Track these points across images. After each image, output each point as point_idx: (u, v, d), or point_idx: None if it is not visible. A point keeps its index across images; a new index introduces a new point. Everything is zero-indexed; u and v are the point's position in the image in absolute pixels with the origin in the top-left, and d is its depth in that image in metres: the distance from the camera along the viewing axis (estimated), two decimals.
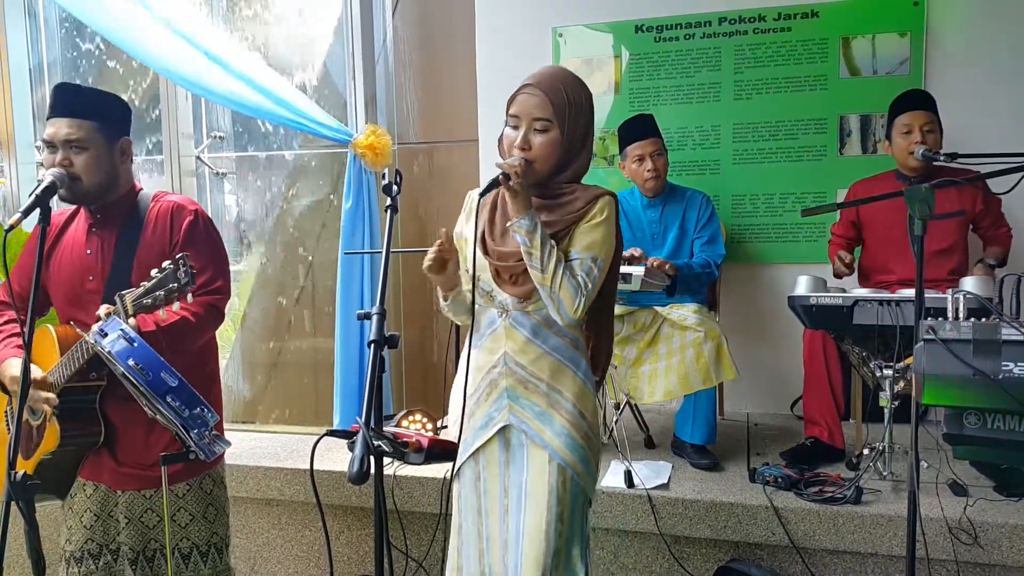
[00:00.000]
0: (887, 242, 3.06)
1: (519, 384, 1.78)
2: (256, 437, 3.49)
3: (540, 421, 1.77)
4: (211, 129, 4.16)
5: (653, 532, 2.58)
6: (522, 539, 1.75)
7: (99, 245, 2.06)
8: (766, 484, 2.62)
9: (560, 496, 1.75)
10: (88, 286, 2.05)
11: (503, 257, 1.76)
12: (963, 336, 1.72)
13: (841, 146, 3.47)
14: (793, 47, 3.48)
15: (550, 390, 1.77)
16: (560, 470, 1.75)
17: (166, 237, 2.07)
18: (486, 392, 1.81)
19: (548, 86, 1.73)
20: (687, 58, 3.59)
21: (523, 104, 1.73)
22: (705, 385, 2.86)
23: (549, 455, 1.75)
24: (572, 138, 1.75)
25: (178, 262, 1.77)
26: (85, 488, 2.11)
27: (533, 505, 1.75)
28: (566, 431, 1.76)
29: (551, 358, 1.78)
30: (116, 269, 2.02)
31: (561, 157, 1.75)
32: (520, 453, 1.79)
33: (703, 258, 3.06)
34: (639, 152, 3.05)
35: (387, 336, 1.51)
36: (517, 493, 1.77)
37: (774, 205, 3.55)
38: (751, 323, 3.62)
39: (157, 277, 1.78)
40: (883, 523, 2.41)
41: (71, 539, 2.10)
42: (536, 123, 1.72)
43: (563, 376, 1.78)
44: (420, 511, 2.83)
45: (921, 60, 3.35)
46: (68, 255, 2.08)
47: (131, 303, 1.80)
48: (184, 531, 2.11)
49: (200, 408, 1.62)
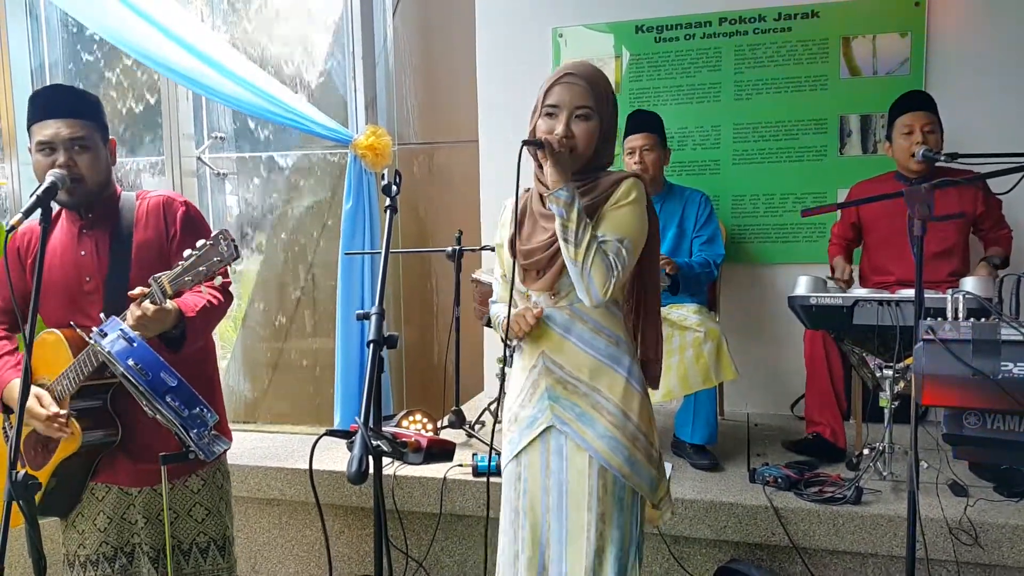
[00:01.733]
0: (887, 243, 3.06)
1: (558, 384, 1.77)
2: (257, 437, 3.50)
3: (582, 423, 1.75)
4: (212, 130, 4.16)
5: (652, 532, 2.58)
6: (565, 539, 1.75)
7: (93, 246, 2.04)
8: (766, 484, 2.62)
9: (600, 497, 1.73)
10: (86, 288, 2.03)
11: (529, 254, 1.77)
12: (962, 336, 1.72)
13: (841, 146, 3.47)
14: (793, 47, 3.48)
15: (590, 390, 1.76)
16: (601, 472, 1.74)
17: (162, 231, 2.07)
18: (529, 393, 1.81)
19: (588, 76, 1.74)
20: (687, 58, 3.59)
21: (563, 94, 1.73)
22: (705, 385, 2.85)
23: (590, 457, 1.74)
24: (606, 128, 1.77)
25: (218, 237, 1.77)
26: (95, 492, 2.10)
27: (573, 506, 1.75)
28: (609, 433, 1.74)
29: (589, 356, 1.76)
30: (114, 269, 2.01)
31: (599, 147, 1.77)
32: (560, 455, 1.78)
33: (703, 257, 3.06)
34: (631, 145, 3.06)
35: (386, 336, 1.51)
36: (558, 493, 1.77)
37: (774, 205, 3.55)
38: (751, 323, 3.62)
39: (196, 254, 1.77)
40: (883, 523, 2.41)
41: (84, 543, 2.08)
42: (578, 111, 1.72)
43: (603, 375, 1.76)
44: (420, 511, 2.82)
45: (922, 60, 3.34)
46: (58, 259, 2.05)
47: (169, 283, 1.79)
48: (201, 526, 2.12)
49: (199, 408, 1.62)
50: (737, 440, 3.15)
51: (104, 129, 2.05)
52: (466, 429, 3.20)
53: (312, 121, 3.48)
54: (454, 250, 3.16)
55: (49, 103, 1.97)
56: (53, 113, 1.95)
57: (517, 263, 1.78)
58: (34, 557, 1.75)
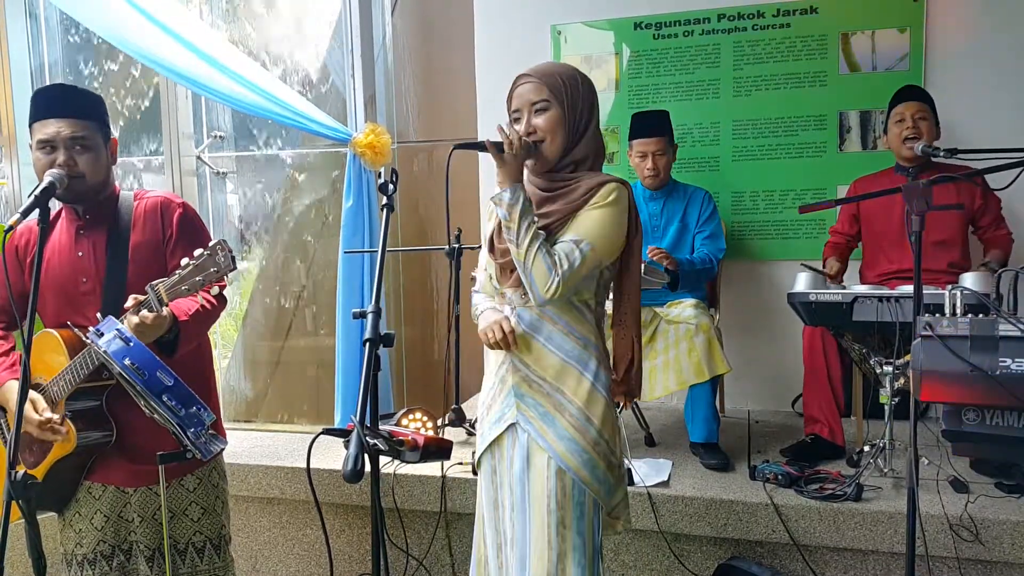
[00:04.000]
0: (886, 235, 3.06)
1: (524, 382, 1.77)
2: (257, 436, 3.50)
3: (544, 422, 1.75)
4: (211, 129, 4.16)
5: (653, 530, 2.58)
6: (529, 539, 1.74)
7: (90, 247, 2.05)
8: (766, 481, 2.61)
9: (560, 501, 1.71)
10: (82, 288, 2.04)
11: (504, 252, 1.76)
12: (960, 332, 1.72)
13: (841, 142, 3.46)
14: (792, 43, 3.47)
15: (553, 391, 1.75)
16: (560, 474, 1.72)
17: (158, 232, 2.08)
18: (498, 388, 1.83)
19: (541, 72, 1.76)
20: (686, 55, 3.58)
21: (520, 96, 1.76)
22: (698, 379, 2.84)
23: (549, 458, 1.72)
24: (574, 118, 1.75)
25: (216, 247, 1.78)
26: (92, 491, 2.10)
27: (535, 507, 1.74)
28: (568, 435, 1.72)
29: (555, 357, 1.75)
30: (111, 269, 2.02)
31: (567, 137, 1.75)
32: (524, 453, 1.77)
33: (704, 253, 3.06)
34: (642, 149, 3.07)
35: (383, 334, 1.51)
36: (521, 491, 1.76)
37: (774, 202, 3.54)
38: (751, 320, 3.61)
39: (194, 264, 1.79)
40: (884, 520, 2.41)
41: (81, 542, 2.09)
42: (535, 106, 1.73)
43: (567, 377, 1.75)
44: (420, 509, 2.83)
45: (921, 56, 3.34)
46: (56, 259, 2.06)
47: (165, 292, 1.81)
48: (197, 525, 2.13)
49: (196, 407, 1.62)
50: (738, 437, 3.15)
51: (106, 128, 2.05)
52: (466, 427, 3.20)
53: (311, 120, 3.47)
54: (453, 248, 3.15)
55: (51, 102, 1.97)
56: (55, 112, 1.95)
57: (494, 260, 1.80)
58: (33, 556, 1.75)
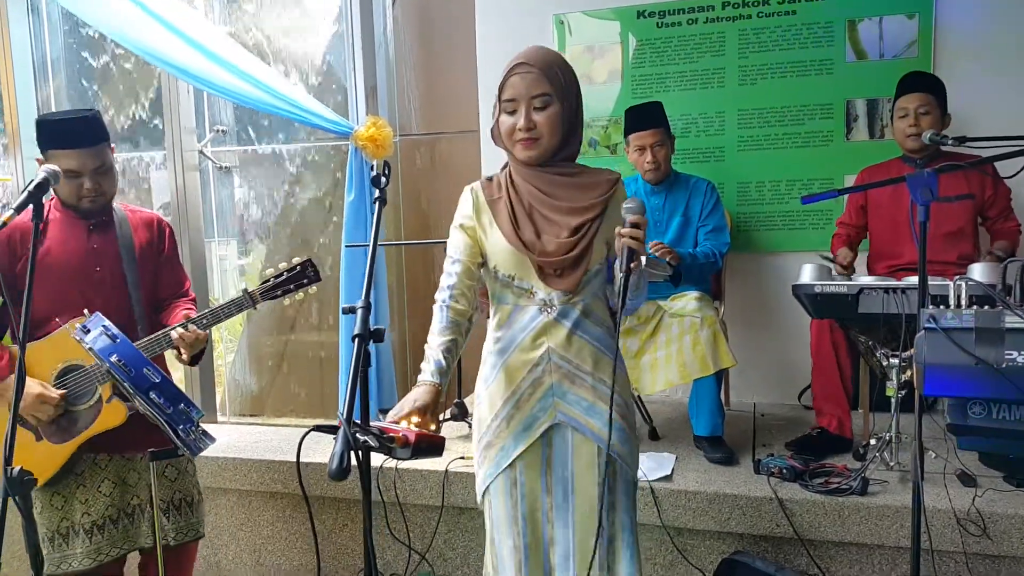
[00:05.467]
0: (894, 226, 3.02)
1: (565, 379, 1.75)
2: (260, 431, 3.50)
3: (589, 415, 1.75)
4: (214, 123, 4.15)
5: (656, 524, 2.56)
6: (572, 533, 1.73)
7: (103, 241, 2.26)
8: (771, 475, 2.58)
9: (611, 486, 1.75)
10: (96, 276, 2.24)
11: (548, 253, 1.72)
12: (965, 325, 1.68)
13: (848, 131, 3.41)
14: (798, 31, 3.41)
15: (595, 381, 1.76)
16: (610, 461, 1.75)
17: (154, 244, 2.37)
18: (528, 393, 1.77)
19: (540, 62, 1.70)
20: (690, 43, 3.53)
21: (518, 85, 1.69)
22: (703, 373, 2.81)
23: (599, 448, 1.74)
24: (570, 111, 1.74)
25: (306, 264, 2.24)
26: (98, 462, 2.24)
27: (581, 499, 1.74)
28: (617, 423, 1.75)
29: (592, 348, 1.77)
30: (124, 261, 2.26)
31: (565, 132, 1.73)
32: (564, 450, 1.76)
33: (708, 247, 3.02)
34: (639, 143, 3.03)
35: (372, 330, 1.49)
36: (563, 490, 1.76)
37: (780, 192, 3.50)
38: (757, 312, 3.57)
39: (288, 273, 2.22)
40: (889, 514, 2.37)
41: (89, 511, 2.22)
42: (536, 100, 1.69)
43: (605, 364, 1.77)
44: (422, 503, 2.81)
45: (930, 42, 3.28)
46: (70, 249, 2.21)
47: (260, 294, 2.20)
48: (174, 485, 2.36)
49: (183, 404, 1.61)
50: (743, 431, 3.11)
51: (109, 140, 2.26)
52: (468, 421, 3.19)
53: (313, 113, 3.45)
54: None
55: (70, 134, 2.15)
56: (75, 143, 2.14)
57: (532, 258, 1.73)
58: (31, 552, 1.76)
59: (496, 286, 1.81)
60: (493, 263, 1.79)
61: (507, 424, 1.77)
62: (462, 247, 1.79)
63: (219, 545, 3.13)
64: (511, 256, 1.75)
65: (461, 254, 1.79)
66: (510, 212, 1.76)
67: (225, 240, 4.27)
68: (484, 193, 1.80)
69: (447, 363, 1.70)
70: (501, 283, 1.79)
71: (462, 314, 1.77)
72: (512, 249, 1.74)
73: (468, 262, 1.78)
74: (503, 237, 1.75)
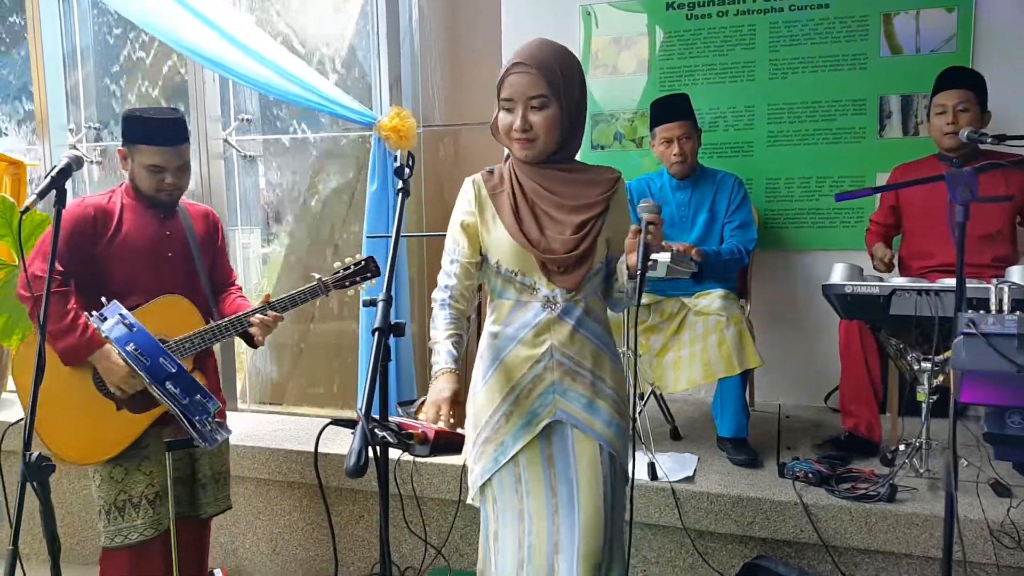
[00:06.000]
0: (927, 226, 2.94)
1: (566, 376, 1.74)
2: (279, 419, 3.49)
3: (588, 412, 1.75)
4: (239, 112, 4.14)
5: (677, 526, 2.51)
6: (577, 536, 1.70)
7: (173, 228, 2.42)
8: (796, 479, 2.53)
9: (613, 484, 1.76)
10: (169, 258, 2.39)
11: (551, 251, 1.70)
12: (1008, 330, 1.61)
13: (881, 128, 3.33)
14: (831, 24, 3.33)
15: (594, 378, 1.76)
16: (611, 459, 1.76)
17: (210, 235, 2.53)
18: (528, 389, 1.75)
19: (538, 61, 1.66)
20: (720, 36, 3.46)
21: (515, 85, 1.67)
22: (728, 373, 2.75)
23: (600, 446, 1.74)
24: (570, 111, 1.70)
25: (370, 260, 2.47)
26: (160, 435, 2.32)
27: (588, 499, 1.72)
28: (614, 420, 1.76)
29: (592, 344, 1.77)
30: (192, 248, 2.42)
31: (563, 133, 1.71)
32: (564, 447, 1.74)
33: (734, 244, 2.95)
34: (666, 135, 2.96)
35: (392, 324, 1.46)
36: (568, 490, 1.73)
37: (810, 189, 3.42)
38: (784, 312, 3.50)
39: (355, 267, 2.45)
40: (918, 523, 2.32)
41: (153, 482, 2.34)
42: (532, 101, 1.66)
43: (603, 361, 1.78)
44: (439, 497, 2.79)
45: (969, 37, 3.18)
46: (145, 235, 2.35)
47: (332, 283, 2.43)
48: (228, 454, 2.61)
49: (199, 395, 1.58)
50: (767, 433, 3.05)
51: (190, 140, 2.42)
52: None
53: (337, 103, 3.43)
54: None
55: (160, 132, 2.29)
56: (164, 141, 2.29)
57: (535, 254, 1.71)
58: (48, 538, 1.74)
59: (497, 281, 1.79)
60: (495, 258, 1.77)
61: (506, 420, 1.76)
62: (461, 247, 1.80)
63: (236, 533, 3.13)
64: (514, 252, 1.73)
65: (460, 255, 1.80)
66: (513, 207, 1.74)
67: (249, 228, 4.27)
68: (486, 186, 1.80)
69: (458, 352, 1.73)
70: (503, 278, 1.77)
71: (463, 313, 1.81)
72: (515, 245, 1.72)
73: (466, 262, 1.79)
74: (506, 232, 1.74)
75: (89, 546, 3.33)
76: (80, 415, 2.26)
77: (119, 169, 2.47)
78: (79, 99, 4.39)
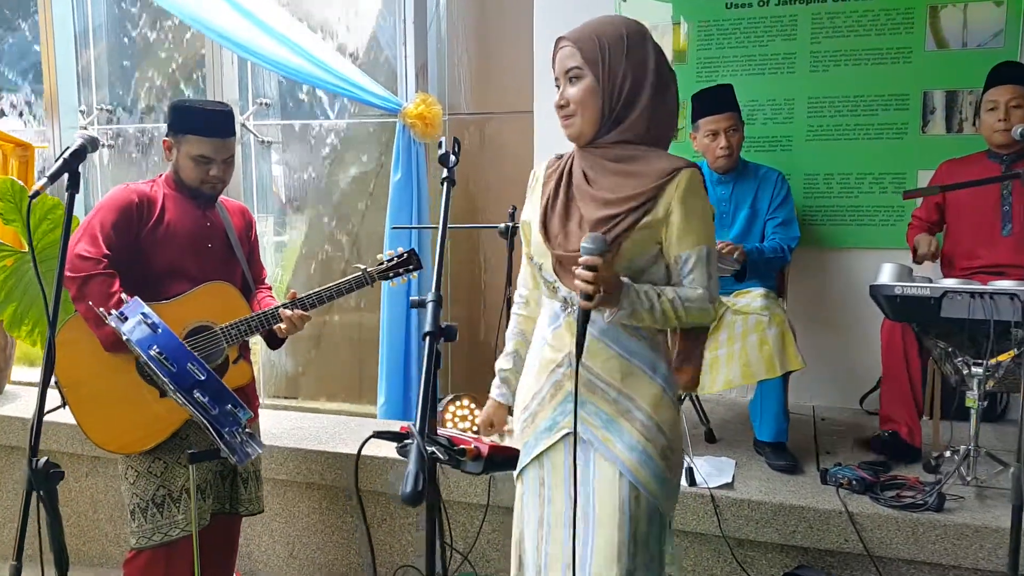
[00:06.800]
0: (974, 225, 2.84)
1: (584, 387, 1.58)
2: (298, 417, 3.38)
3: (608, 431, 1.58)
4: (257, 96, 4.04)
5: (715, 534, 2.42)
6: (589, 558, 1.57)
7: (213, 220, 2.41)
8: (839, 486, 2.44)
9: (633, 514, 1.56)
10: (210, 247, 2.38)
11: (563, 244, 1.58)
12: None
13: (924, 124, 3.22)
14: (875, 16, 3.21)
15: (620, 396, 1.58)
16: (631, 487, 1.56)
17: (245, 230, 2.51)
18: (550, 394, 1.64)
19: (577, 35, 1.58)
20: (760, 26, 3.34)
21: (556, 62, 1.61)
22: (768, 375, 2.66)
23: (619, 471, 1.56)
24: (613, 85, 1.54)
25: (412, 252, 2.47)
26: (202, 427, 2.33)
27: (603, 523, 1.57)
28: (639, 446, 1.56)
29: (622, 360, 1.58)
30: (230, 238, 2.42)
31: (603, 108, 1.55)
32: (587, 464, 1.60)
33: (776, 241, 2.86)
34: (712, 127, 2.85)
35: (443, 327, 1.35)
36: (585, 507, 1.60)
37: (850, 186, 3.31)
38: (820, 311, 3.40)
39: (398, 259, 2.45)
40: (969, 534, 2.23)
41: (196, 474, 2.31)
42: (568, 74, 1.57)
43: (637, 381, 1.58)
44: (466, 501, 2.70)
45: (1019, 31, 3.07)
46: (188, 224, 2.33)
47: (377, 274, 2.43)
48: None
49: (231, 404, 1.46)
50: (804, 436, 2.96)
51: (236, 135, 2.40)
52: None
53: (361, 88, 3.33)
54: (507, 227, 3.00)
55: (210, 124, 2.27)
56: (214, 133, 2.27)
57: (551, 249, 1.59)
58: (56, 551, 1.63)
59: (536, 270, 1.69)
60: (529, 247, 1.70)
61: (532, 420, 1.68)
62: (527, 240, 1.71)
63: (252, 535, 3.03)
64: (539, 243, 1.63)
65: (527, 247, 1.72)
66: (551, 194, 1.63)
67: (264, 216, 4.17)
68: (546, 170, 1.70)
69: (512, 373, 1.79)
70: (535, 269, 1.68)
71: (528, 319, 1.79)
72: (539, 236, 1.62)
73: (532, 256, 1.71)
74: (536, 221, 1.64)
75: (95, 548, 3.24)
76: (122, 403, 2.20)
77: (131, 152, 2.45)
78: (91, 80, 4.30)
